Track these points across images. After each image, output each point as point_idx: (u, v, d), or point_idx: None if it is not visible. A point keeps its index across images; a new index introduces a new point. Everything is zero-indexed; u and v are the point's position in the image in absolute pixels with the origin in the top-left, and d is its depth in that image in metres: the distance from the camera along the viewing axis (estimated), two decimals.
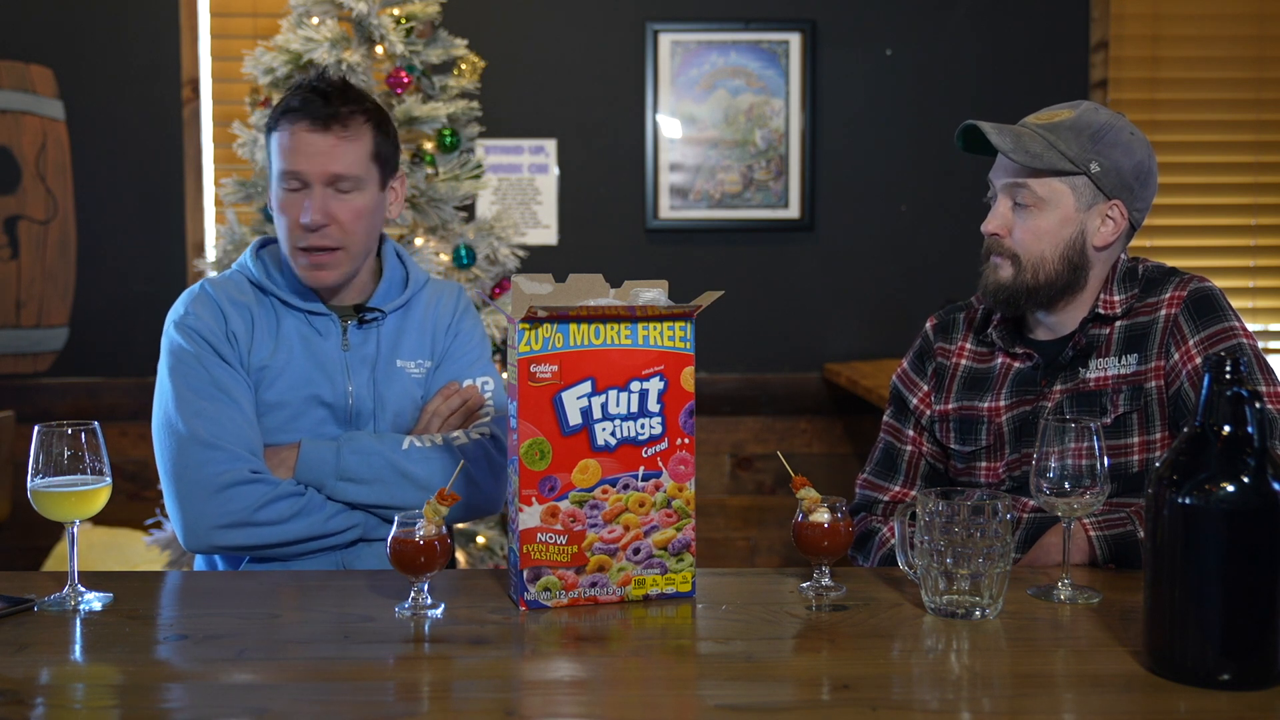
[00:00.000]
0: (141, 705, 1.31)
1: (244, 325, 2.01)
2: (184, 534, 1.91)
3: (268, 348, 2.01)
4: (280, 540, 1.90)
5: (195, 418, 1.91)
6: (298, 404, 2.00)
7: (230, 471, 1.88)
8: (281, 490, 1.91)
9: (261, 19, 4.07)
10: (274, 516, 1.89)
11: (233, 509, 1.88)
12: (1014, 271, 1.93)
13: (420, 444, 1.99)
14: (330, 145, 1.97)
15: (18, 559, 4.05)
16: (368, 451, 1.96)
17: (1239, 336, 1.86)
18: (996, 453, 1.98)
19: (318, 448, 1.96)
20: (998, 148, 1.88)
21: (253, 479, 1.89)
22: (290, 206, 1.98)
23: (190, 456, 1.89)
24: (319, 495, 1.94)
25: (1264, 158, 4.32)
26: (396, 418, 2.06)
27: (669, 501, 1.64)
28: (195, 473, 1.89)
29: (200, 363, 1.95)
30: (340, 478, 1.94)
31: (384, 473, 1.95)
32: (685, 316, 1.62)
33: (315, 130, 1.96)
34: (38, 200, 4.17)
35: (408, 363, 2.09)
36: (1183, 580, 1.31)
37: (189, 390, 1.93)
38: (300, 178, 1.97)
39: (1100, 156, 1.90)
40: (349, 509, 1.95)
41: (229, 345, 1.98)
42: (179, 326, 1.99)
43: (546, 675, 1.41)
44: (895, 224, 4.29)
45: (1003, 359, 2.02)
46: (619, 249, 4.22)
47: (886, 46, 4.26)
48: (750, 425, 4.30)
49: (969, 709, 1.29)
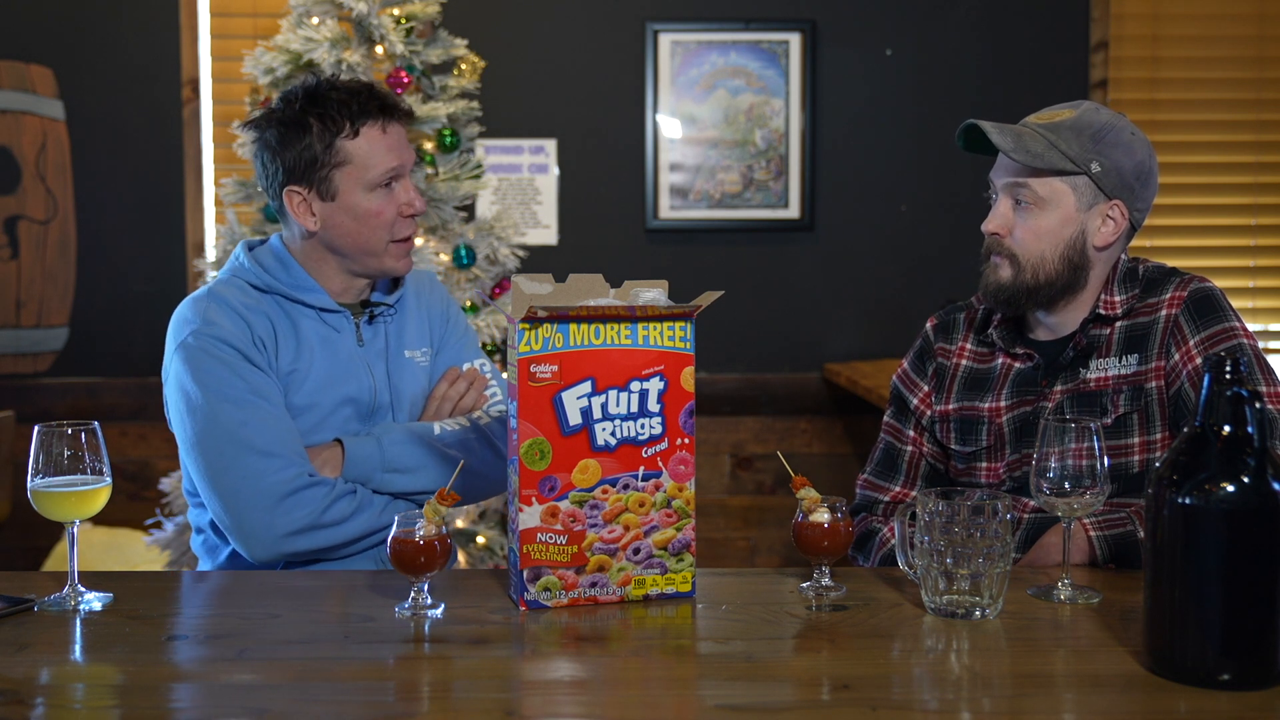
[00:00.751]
0: (141, 705, 1.31)
1: (266, 330, 1.98)
2: (249, 546, 1.87)
3: (291, 351, 2.00)
4: (346, 539, 1.91)
5: (243, 427, 1.87)
6: (327, 405, 1.99)
7: (291, 478, 1.87)
8: (339, 490, 1.91)
9: (261, 19, 4.07)
10: (338, 516, 1.89)
11: (300, 515, 1.86)
12: (1013, 272, 1.92)
13: (450, 427, 2.04)
14: (404, 135, 2.05)
15: (18, 559, 4.06)
16: (407, 441, 1.98)
17: (1239, 337, 1.86)
18: (997, 453, 1.98)
19: (361, 444, 1.97)
20: (998, 147, 1.88)
21: (313, 482, 1.89)
22: (389, 204, 2.01)
23: (247, 467, 1.86)
24: (367, 490, 1.95)
25: (1264, 158, 4.32)
26: (411, 406, 2.10)
27: (669, 501, 1.64)
28: (255, 483, 1.85)
29: (233, 371, 1.91)
30: (387, 469, 1.96)
31: (428, 459, 1.98)
32: (685, 316, 1.62)
33: (401, 123, 2.03)
34: (38, 200, 4.17)
35: (414, 352, 2.12)
36: (1183, 580, 1.31)
37: (228, 401, 1.89)
38: (401, 171, 2.02)
39: (1101, 156, 1.89)
40: (393, 504, 1.96)
41: (258, 350, 1.95)
42: (199, 337, 1.93)
43: (546, 675, 1.41)
44: (895, 224, 4.29)
45: (1003, 359, 2.02)
46: (619, 249, 4.22)
47: (886, 46, 4.26)
48: (750, 425, 4.30)
49: (969, 709, 1.29)
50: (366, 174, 1.99)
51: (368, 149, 1.98)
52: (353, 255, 2.03)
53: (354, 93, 2.00)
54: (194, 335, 1.93)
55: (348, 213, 2.00)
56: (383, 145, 1.99)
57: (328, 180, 1.99)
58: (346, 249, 2.02)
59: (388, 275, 2.07)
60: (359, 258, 2.03)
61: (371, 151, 1.98)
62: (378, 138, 1.99)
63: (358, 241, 2.01)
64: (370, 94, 2.01)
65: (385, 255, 2.03)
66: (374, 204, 2.00)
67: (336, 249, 2.03)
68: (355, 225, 2.00)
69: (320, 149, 1.98)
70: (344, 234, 2.01)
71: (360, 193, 1.99)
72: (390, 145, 2.00)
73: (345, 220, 2.00)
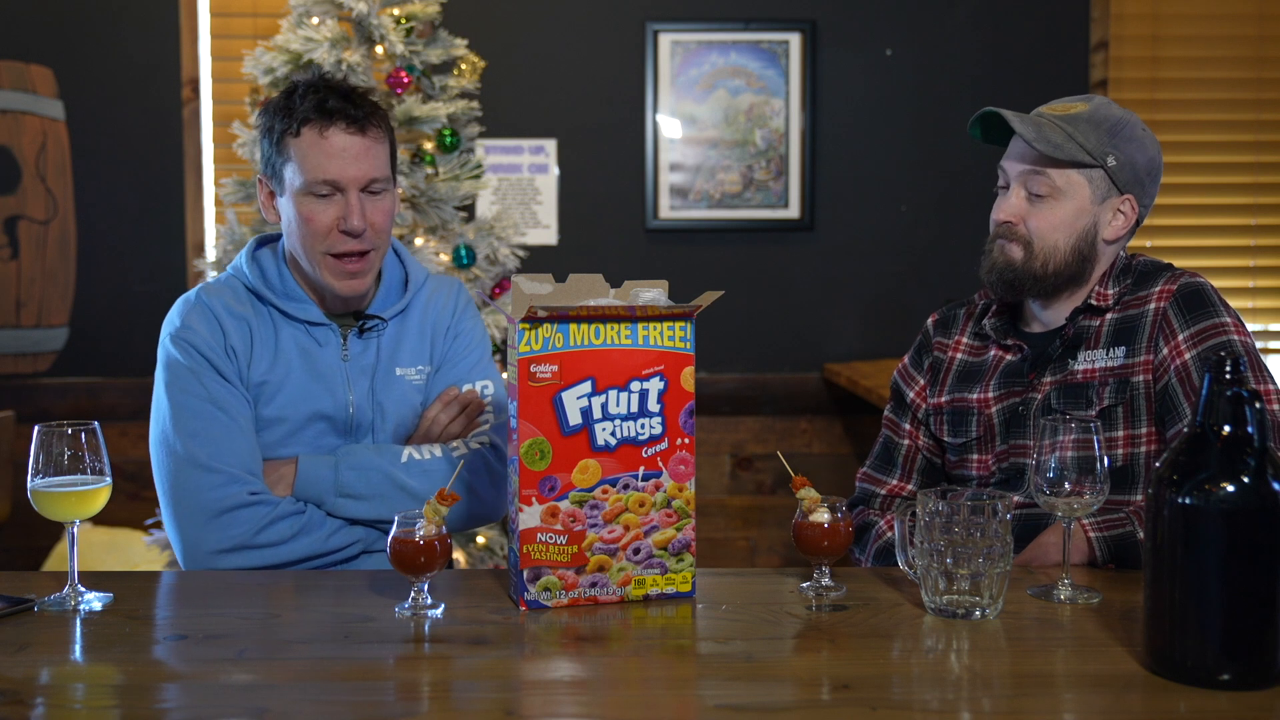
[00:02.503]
0: (141, 705, 1.31)
1: (242, 339, 1.95)
2: (183, 556, 1.88)
3: (266, 362, 1.96)
4: (280, 561, 1.87)
5: (192, 438, 1.87)
6: (298, 419, 1.96)
7: (229, 495, 1.84)
8: (281, 510, 1.87)
9: (261, 19, 4.07)
10: (274, 538, 1.86)
11: (232, 534, 1.84)
12: (1025, 255, 1.93)
13: (419, 455, 1.96)
14: (365, 148, 1.92)
15: (18, 559, 4.06)
16: (366, 467, 1.93)
17: (1229, 332, 1.85)
18: (987, 444, 1.99)
19: (316, 464, 1.93)
20: (1021, 135, 1.89)
21: (251, 501, 1.85)
22: (321, 213, 1.92)
23: (188, 480, 1.85)
24: (319, 512, 1.91)
25: (1264, 158, 4.32)
26: (398, 427, 2.03)
27: (669, 501, 1.64)
28: (193, 497, 1.85)
29: (198, 379, 1.90)
30: (339, 494, 1.92)
31: (383, 488, 1.92)
32: (685, 316, 1.62)
33: (351, 133, 1.91)
34: (38, 200, 4.17)
35: (407, 369, 2.05)
36: (1183, 580, 1.30)
37: (185, 409, 1.89)
38: (336, 184, 1.91)
39: (1117, 150, 1.91)
40: (349, 525, 1.93)
41: (227, 360, 1.93)
42: (175, 340, 1.93)
43: (546, 675, 1.41)
44: (895, 223, 4.29)
45: (995, 351, 2.03)
46: (619, 249, 4.22)
47: (886, 46, 4.26)
48: (750, 425, 4.30)
49: (969, 709, 1.29)
50: (301, 175, 1.92)
51: (305, 150, 1.91)
52: (299, 258, 1.97)
53: (318, 90, 1.93)
54: (171, 338, 1.94)
55: (289, 210, 1.95)
56: (320, 150, 1.90)
57: (280, 175, 1.95)
58: (295, 249, 1.97)
59: (331, 292, 1.98)
60: (303, 262, 1.97)
61: (307, 154, 1.91)
62: (315, 141, 1.90)
63: (297, 244, 1.96)
64: (328, 95, 1.92)
65: (321, 266, 1.95)
66: (307, 207, 1.92)
67: (292, 250, 1.99)
68: (294, 226, 1.95)
69: (274, 140, 1.95)
70: (289, 233, 1.97)
71: (297, 194, 1.93)
72: (329, 152, 1.90)
73: (288, 218, 1.96)
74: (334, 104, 1.91)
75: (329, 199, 1.92)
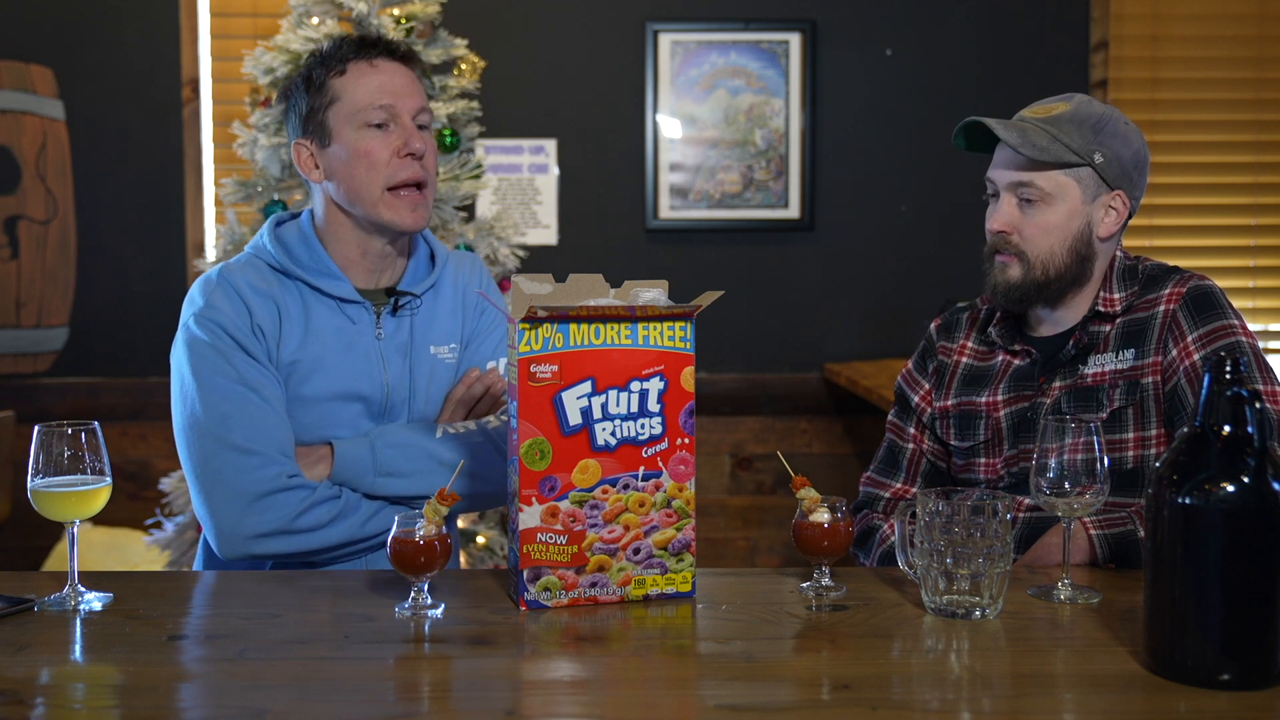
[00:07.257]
0: (141, 705, 1.30)
1: (270, 318, 1.90)
2: (218, 542, 1.83)
3: (296, 340, 1.91)
4: (319, 547, 1.84)
5: (225, 420, 1.82)
6: (333, 400, 1.92)
7: (267, 478, 1.80)
8: (319, 495, 1.84)
9: (261, 19, 4.07)
10: (313, 523, 1.83)
11: (271, 518, 1.80)
12: (1023, 270, 1.93)
13: (453, 430, 1.94)
14: (412, 79, 1.95)
15: (18, 559, 4.06)
16: (403, 444, 1.90)
17: (1237, 335, 1.86)
18: (995, 448, 1.99)
19: (353, 446, 1.89)
20: (1006, 142, 1.89)
21: (291, 485, 1.82)
22: (379, 144, 1.91)
23: (224, 463, 1.81)
24: (355, 495, 1.88)
25: (1264, 158, 4.32)
26: (429, 404, 2.00)
27: (669, 501, 1.64)
28: (230, 480, 1.81)
29: (226, 359, 1.85)
30: (380, 473, 1.88)
31: (423, 463, 1.89)
32: (685, 316, 1.62)
33: (394, 60, 1.94)
34: (38, 200, 4.17)
35: (440, 348, 2.02)
36: (1183, 580, 1.30)
37: (216, 390, 1.83)
38: (391, 109, 1.92)
39: (1103, 147, 1.91)
40: (384, 511, 1.89)
41: (255, 339, 1.88)
42: (199, 320, 1.88)
43: (546, 675, 1.41)
44: (895, 224, 4.29)
45: (1003, 356, 2.03)
46: (619, 249, 4.22)
47: (886, 46, 4.26)
48: (750, 425, 4.30)
49: (969, 709, 1.29)
50: (355, 110, 1.91)
51: (354, 84, 1.92)
52: (354, 205, 1.94)
53: (348, 37, 1.97)
54: (194, 318, 1.88)
55: (341, 154, 1.92)
56: (373, 81, 1.92)
57: (323, 124, 1.94)
58: (348, 198, 1.93)
59: (392, 230, 1.94)
60: (360, 208, 1.93)
61: (358, 86, 1.92)
62: (365, 71, 1.92)
63: (354, 187, 1.92)
64: (363, 37, 1.96)
65: (381, 204, 1.92)
66: (364, 142, 1.91)
67: (342, 203, 1.95)
68: (348, 169, 1.92)
69: (313, 92, 1.94)
70: (342, 180, 1.93)
71: (350, 131, 1.92)
72: (381, 83, 1.92)
73: (340, 165, 1.93)
74: (374, 41, 1.95)
75: (384, 130, 1.92)
